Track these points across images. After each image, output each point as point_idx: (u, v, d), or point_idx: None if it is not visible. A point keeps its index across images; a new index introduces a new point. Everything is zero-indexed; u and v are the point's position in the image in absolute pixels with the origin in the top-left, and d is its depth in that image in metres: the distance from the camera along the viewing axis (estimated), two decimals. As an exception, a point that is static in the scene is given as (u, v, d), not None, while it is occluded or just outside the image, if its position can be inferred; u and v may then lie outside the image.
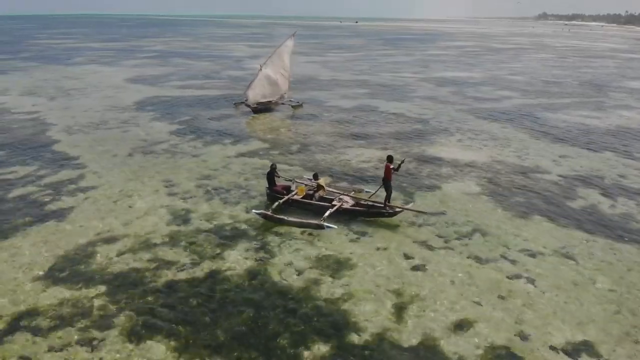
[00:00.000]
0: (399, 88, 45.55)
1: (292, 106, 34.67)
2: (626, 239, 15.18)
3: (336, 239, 14.64)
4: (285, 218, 15.55)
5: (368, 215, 16.02)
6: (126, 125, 28.66)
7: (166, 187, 18.82)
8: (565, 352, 10.08)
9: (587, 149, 25.54)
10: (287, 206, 16.63)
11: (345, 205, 16.28)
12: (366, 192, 17.87)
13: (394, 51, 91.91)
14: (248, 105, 32.57)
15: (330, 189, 17.46)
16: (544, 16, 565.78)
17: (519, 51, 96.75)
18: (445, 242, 14.73)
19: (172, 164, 21.68)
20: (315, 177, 17.49)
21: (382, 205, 16.02)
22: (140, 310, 11.14)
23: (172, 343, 10.07)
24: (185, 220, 15.86)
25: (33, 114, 31.27)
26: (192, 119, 30.68)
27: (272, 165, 17.71)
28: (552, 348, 10.18)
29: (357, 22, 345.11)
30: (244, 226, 15.50)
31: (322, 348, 9.97)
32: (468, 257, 13.83)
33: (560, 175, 21.08)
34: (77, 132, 26.88)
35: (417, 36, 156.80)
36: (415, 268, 13.20)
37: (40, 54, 74.26)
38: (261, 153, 23.51)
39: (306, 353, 9.81)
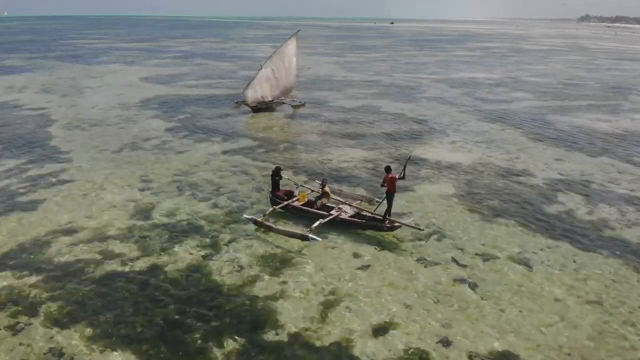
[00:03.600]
0: (410, 89, 44.94)
1: (293, 106, 34.73)
2: (592, 248, 14.46)
3: (290, 237, 14.49)
4: (274, 226, 14.72)
5: (366, 228, 14.97)
6: (125, 123, 29.36)
7: (141, 182, 19.17)
8: (486, 361, 9.70)
9: (585, 152, 24.51)
10: (287, 212, 15.99)
11: (343, 216, 15.23)
12: (377, 201, 16.35)
13: (418, 52, 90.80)
14: (247, 105, 32.79)
15: (337, 197, 16.48)
16: (586, 18, 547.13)
17: (548, 53, 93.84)
18: (400, 242, 14.42)
19: (155, 160, 22.07)
20: (323, 183, 16.43)
21: (381, 219, 14.96)
22: (71, 299, 11.38)
23: (90, 332, 10.24)
24: (147, 215, 16.10)
25: (41, 110, 32.45)
26: (191, 117, 31.15)
27: (276, 167, 17.03)
28: (471, 356, 9.80)
29: (392, 23, 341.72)
30: (201, 222, 15.61)
31: (233, 345, 9.92)
32: (417, 260, 13.49)
33: (546, 179, 20.31)
34: (75, 128, 27.73)
35: (448, 37, 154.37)
36: (359, 268, 12.98)
37: (69, 53, 76.98)
38: (246, 151, 23.63)
39: (215, 349, 9.79)
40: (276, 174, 16.75)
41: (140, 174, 20.03)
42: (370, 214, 15.36)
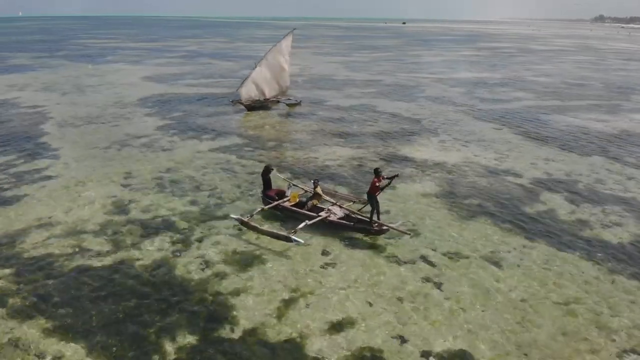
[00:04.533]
0: (409, 88, 44.72)
1: (288, 104, 34.74)
2: (568, 249, 14.22)
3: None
4: (258, 226, 14.44)
5: (354, 231, 14.57)
6: (119, 120, 29.59)
7: (124, 179, 19.29)
8: None
9: (577, 152, 24.19)
10: (278, 212, 15.78)
11: (332, 218, 14.79)
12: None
13: (424, 52, 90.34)
14: (241, 103, 32.86)
15: (328, 199, 15.92)
16: (600, 19, 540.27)
17: (557, 53, 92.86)
18: (372, 240, 14.32)
19: (142, 157, 22.21)
20: (315, 184, 15.91)
21: (369, 221, 14.49)
22: (35, 292, 11.50)
23: (47, 325, 10.33)
24: (123, 211, 16.20)
25: (39, 108, 32.83)
26: (185, 115, 31.29)
27: (267, 166, 16.60)
28: (425, 354, 9.71)
29: (404, 23, 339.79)
30: (176, 219, 15.66)
31: (185, 340, 9.94)
32: (387, 258, 13.40)
33: (531, 179, 20.07)
34: (69, 126, 28.01)
35: (458, 37, 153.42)
36: (326, 265, 12.93)
37: (77, 52, 77.82)
38: (233, 149, 23.67)
39: (167, 344, 9.82)
40: (266, 173, 16.43)
41: (125, 171, 20.16)
42: (359, 217, 14.88)
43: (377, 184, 14.34)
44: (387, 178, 14.71)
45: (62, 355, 9.56)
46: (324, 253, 13.53)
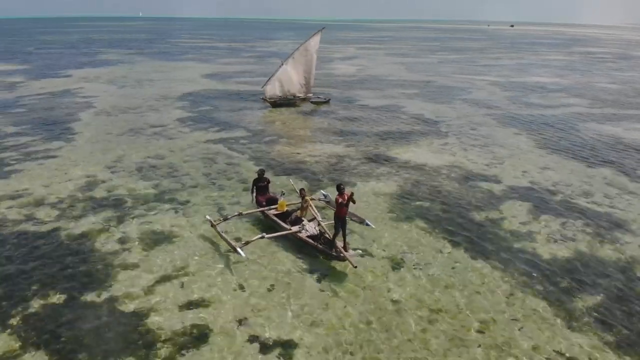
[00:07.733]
0: (456, 90, 43.19)
1: (315, 102, 35.29)
2: (487, 259, 13.37)
3: (199, 223, 15.14)
4: (220, 231, 14.17)
5: (318, 252, 13.38)
6: (149, 111, 32.12)
7: (112, 161, 21.18)
8: (267, 346, 9.74)
9: (586, 163, 22.15)
10: (264, 219, 15.46)
11: (302, 234, 13.82)
12: (366, 224, 14.80)
13: (505, 55, 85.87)
14: (266, 100, 34.04)
15: (315, 212, 14.76)
16: None
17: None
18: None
19: (144, 143, 24.13)
20: (302, 194, 14.95)
21: (331, 244, 13.13)
22: (-32, 249, 13.36)
23: (-44, 275, 12.03)
24: (90, 188, 17.94)
25: (90, 98, 36.56)
26: (211, 109, 33.08)
27: (259, 171, 16.14)
28: (252, 339, 9.92)
29: (512, 26, 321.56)
30: (129, 198, 17.06)
31: (53, 300, 11.06)
32: (287, 249, 13.56)
33: (508, 187, 18.86)
34: (103, 114, 30.99)
35: (556, 41, 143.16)
36: (227, 253, 13.41)
37: (162, 50, 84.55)
38: (230, 141, 24.81)
39: (36, 300, 11.01)
40: (259, 179, 15.80)
41: (119, 155, 22.10)
42: (327, 238, 13.56)
43: (344, 203, 12.69)
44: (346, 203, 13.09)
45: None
46: (237, 239, 13.94)
